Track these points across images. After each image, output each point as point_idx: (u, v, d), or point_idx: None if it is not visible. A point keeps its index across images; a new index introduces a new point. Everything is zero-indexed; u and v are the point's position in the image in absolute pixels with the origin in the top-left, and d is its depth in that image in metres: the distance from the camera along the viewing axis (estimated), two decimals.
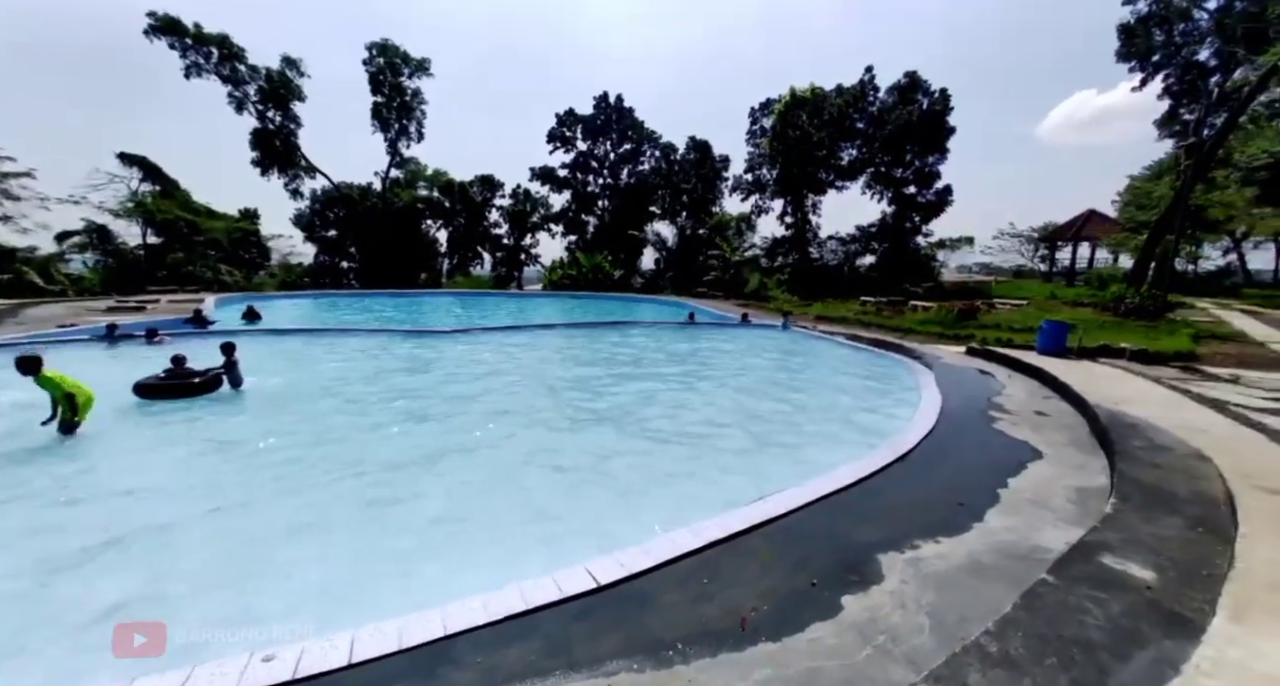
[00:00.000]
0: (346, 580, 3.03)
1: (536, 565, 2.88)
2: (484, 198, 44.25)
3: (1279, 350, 10.21)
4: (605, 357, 10.18)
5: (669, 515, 3.68)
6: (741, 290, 30.19)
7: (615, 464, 4.85)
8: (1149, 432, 4.61)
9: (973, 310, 14.48)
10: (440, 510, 3.88)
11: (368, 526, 3.66)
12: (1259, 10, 13.56)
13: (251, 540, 3.45)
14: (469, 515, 3.84)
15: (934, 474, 4.28)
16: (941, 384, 7.19)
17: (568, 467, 4.66)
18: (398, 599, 2.71)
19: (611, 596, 2.49)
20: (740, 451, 5.25)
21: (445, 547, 3.41)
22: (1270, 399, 6.15)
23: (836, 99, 32.10)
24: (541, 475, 4.54)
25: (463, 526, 3.67)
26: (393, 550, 3.35)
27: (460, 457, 4.92)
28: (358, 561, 3.23)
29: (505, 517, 3.81)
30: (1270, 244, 35.00)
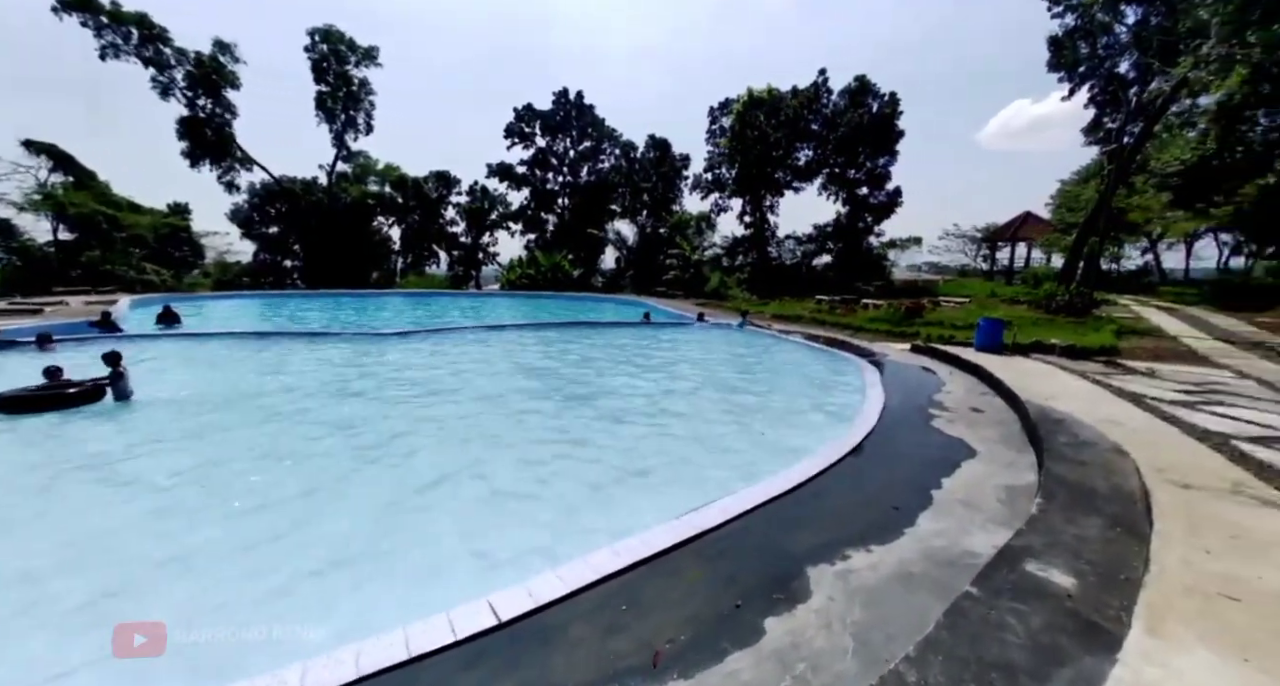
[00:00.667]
0: (197, 641, 2.43)
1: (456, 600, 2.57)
2: (440, 194, 42.79)
3: (1189, 344, 10.96)
4: (552, 360, 9.85)
5: (612, 528, 3.46)
6: (702, 289, 30.35)
7: (554, 473, 4.58)
8: (1074, 428, 4.73)
9: (919, 308, 14.95)
10: (342, 547, 3.30)
11: (240, 564, 3.11)
12: (1171, 25, 14.61)
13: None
14: (382, 547, 3.36)
15: (873, 475, 4.23)
16: (886, 382, 7.27)
17: (501, 487, 4.30)
18: (263, 656, 2.26)
19: (513, 634, 2.23)
20: (684, 458, 5.07)
21: (340, 593, 2.86)
22: (1180, 391, 6.50)
23: (792, 100, 32.70)
24: (473, 492, 4.22)
25: (375, 563, 3.20)
26: (266, 593, 2.81)
27: (377, 476, 4.51)
28: (217, 610, 2.66)
29: (416, 550, 3.32)
30: (1182, 245, 38.13)
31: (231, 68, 31.10)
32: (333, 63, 35.41)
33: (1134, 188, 26.21)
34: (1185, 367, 8.30)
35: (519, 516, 3.81)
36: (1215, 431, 4.74)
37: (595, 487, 4.31)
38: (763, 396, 7.34)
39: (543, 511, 3.88)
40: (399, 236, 42.32)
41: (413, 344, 10.68)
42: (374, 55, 36.36)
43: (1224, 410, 5.57)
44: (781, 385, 8.18)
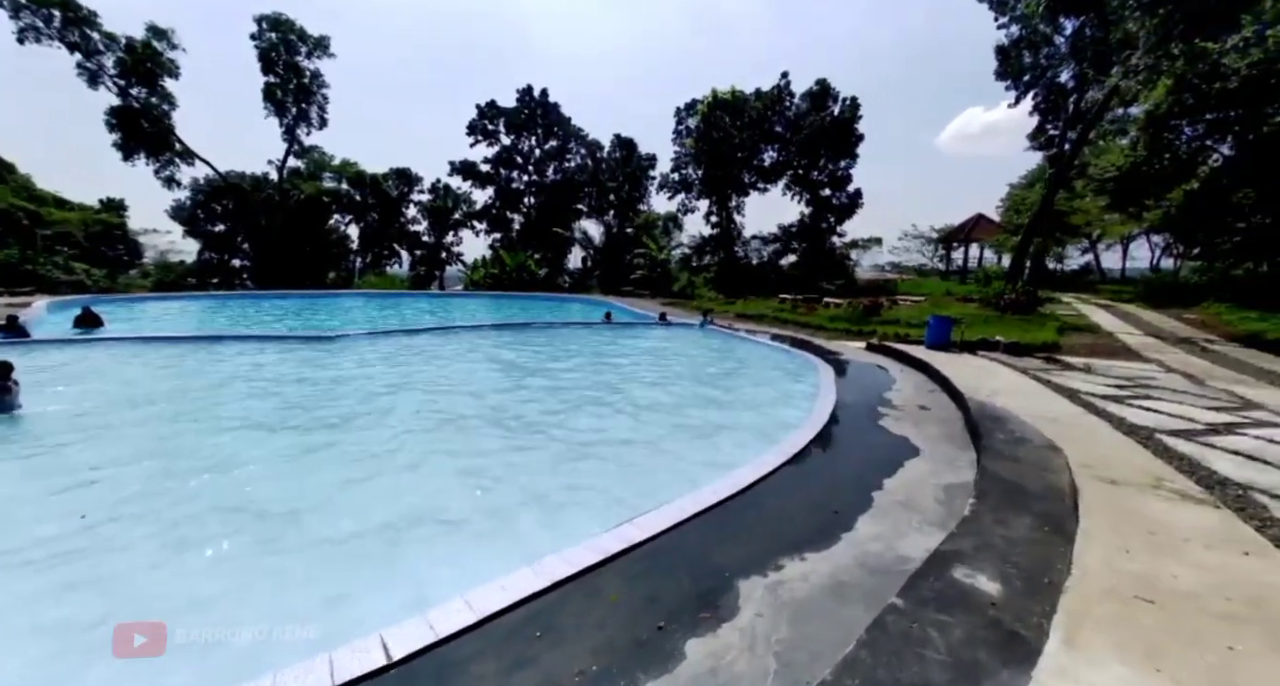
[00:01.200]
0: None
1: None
2: (400, 192, 41.49)
3: (1124, 340, 11.55)
4: (506, 361, 9.55)
5: (555, 539, 3.26)
6: (669, 289, 30.37)
7: (497, 478, 4.35)
8: (1011, 424, 4.81)
9: (876, 306, 15.29)
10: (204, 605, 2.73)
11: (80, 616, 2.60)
12: (1104, 36, 15.43)
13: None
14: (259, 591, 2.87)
15: (817, 477, 4.17)
16: (839, 380, 7.32)
17: (424, 509, 3.96)
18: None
19: (405, 675, 2.02)
20: (630, 463, 4.92)
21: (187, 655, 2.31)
22: (1113, 386, 6.76)
23: (756, 102, 33.09)
24: (386, 507, 3.94)
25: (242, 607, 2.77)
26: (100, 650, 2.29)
27: (281, 499, 4.17)
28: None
29: (301, 591, 2.90)
30: (1119, 246, 40.54)
31: (169, 55, 29.25)
32: (282, 53, 33.83)
33: (1075, 191, 27.64)
34: (1119, 363, 8.69)
35: (432, 540, 3.54)
36: (1141, 425, 4.91)
37: (530, 501, 4.10)
38: (717, 399, 7.27)
39: (467, 529, 3.64)
40: (357, 235, 40.84)
41: (354, 346, 10.17)
42: (326, 45, 34.92)
43: (1151, 404, 5.80)
44: (737, 387, 8.13)
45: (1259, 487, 3.55)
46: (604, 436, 5.61)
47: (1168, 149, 19.87)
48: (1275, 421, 5.28)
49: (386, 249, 40.98)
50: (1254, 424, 5.15)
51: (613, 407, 6.65)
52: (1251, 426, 5.06)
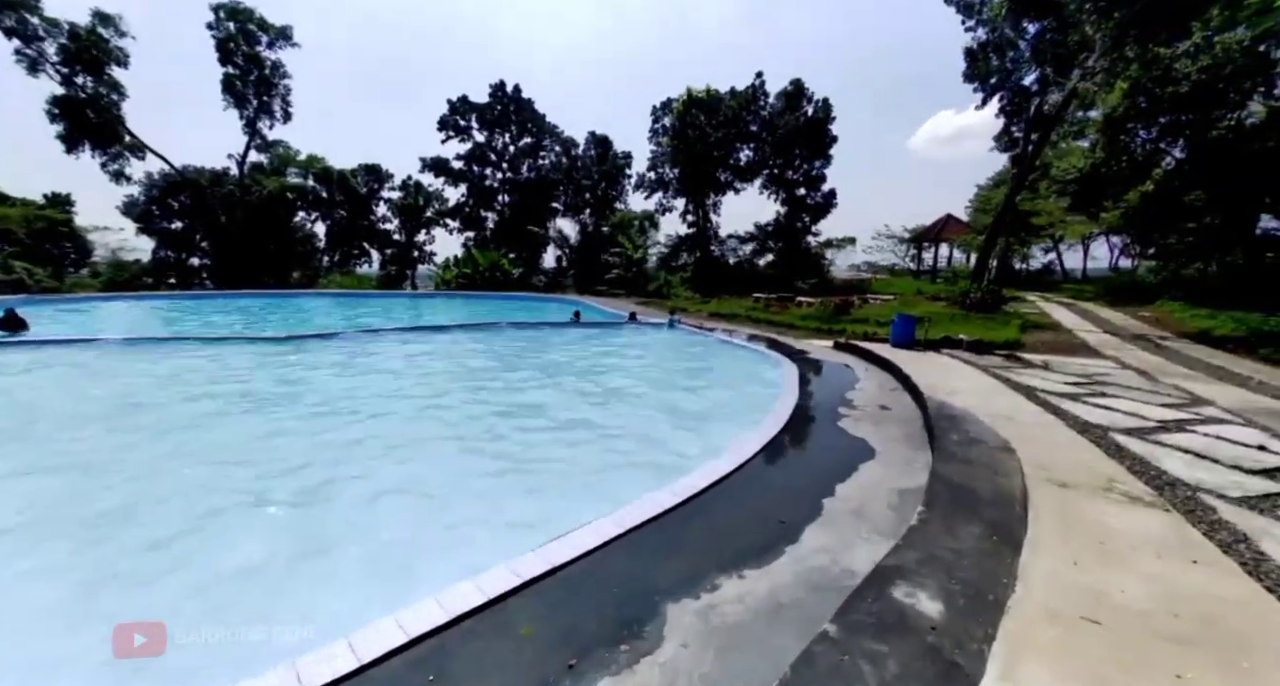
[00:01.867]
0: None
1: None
2: (370, 189, 40.32)
3: (1082, 337, 11.77)
4: (460, 365, 9.20)
5: (462, 566, 2.97)
6: (644, 288, 30.18)
7: (435, 492, 4.05)
8: (968, 424, 4.71)
9: (847, 305, 15.35)
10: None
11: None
12: (1063, 38, 15.81)
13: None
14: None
15: (769, 484, 3.98)
16: (803, 380, 7.19)
17: (337, 533, 3.66)
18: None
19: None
20: (576, 472, 4.66)
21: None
22: (1069, 383, 6.78)
23: (731, 101, 33.12)
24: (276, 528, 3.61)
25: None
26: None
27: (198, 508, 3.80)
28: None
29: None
30: (1080, 246, 41.92)
31: (116, 43, 27.77)
32: (241, 43, 32.51)
33: (1038, 193, 28.41)
34: (1076, 360, 8.80)
35: (328, 566, 3.22)
36: (1095, 424, 4.87)
37: (453, 517, 3.81)
38: (673, 402, 7.07)
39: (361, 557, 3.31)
40: (325, 234, 39.52)
41: (301, 348, 9.67)
42: (288, 35, 33.71)
43: (1105, 401, 5.80)
44: (698, 388, 7.94)
45: (1207, 488, 3.49)
46: (552, 438, 5.35)
47: (1124, 151, 20.53)
48: (1223, 418, 5.32)
49: (356, 248, 39.79)
50: (1203, 420, 5.17)
51: (566, 410, 6.38)
52: (1201, 423, 5.07)
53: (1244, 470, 3.83)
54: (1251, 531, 2.83)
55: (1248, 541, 2.72)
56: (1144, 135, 20.07)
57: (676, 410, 6.56)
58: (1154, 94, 16.36)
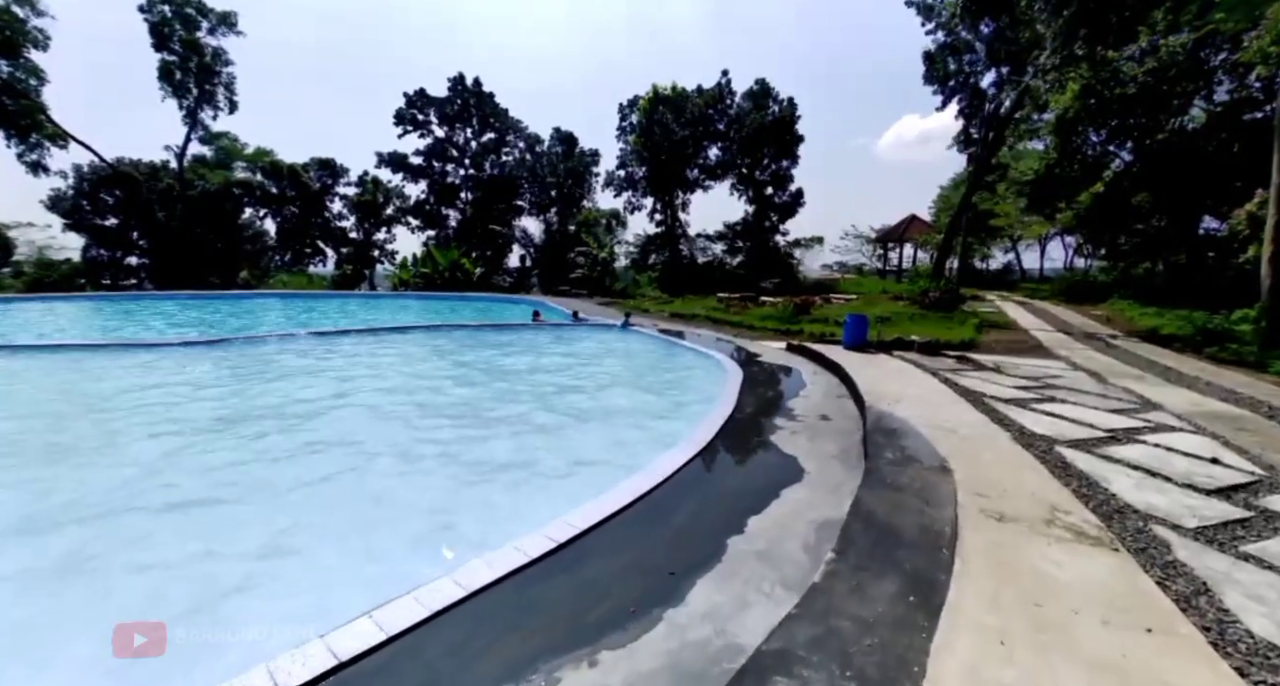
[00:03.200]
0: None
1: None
2: (324, 184, 38.55)
3: (1036, 336, 11.67)
4: (381, 372, 8.39)
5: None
6: (609, 288, 29.54)
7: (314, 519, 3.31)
8: (906, 439, 4.24)
9: (808, 305, 15.03)
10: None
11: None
12: (1015, 36, 15.90)
13: None
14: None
15: (671, 517, 3.39)
16: (745, 387, 6.67)
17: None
18: None
19: None
20: (416, 514, 3.94)
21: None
22: (1019, 387, 6.44)
23: (697, 99, 32.79)
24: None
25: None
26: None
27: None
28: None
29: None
30: (1037, 246, 43.17)
31: (35, 23, 25.65)
32: (178, 27, 30.57)
33: (997, 194, 28.93)
34: (1028, 360, 8.56)
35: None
36: (1042, 435, 4.46)
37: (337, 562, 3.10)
38: (597, 410, 6.45)
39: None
40: (275, 231, 37.52)
41: (207, 355, 8.69)
42: (233, 22, 31.93)
43: (1054, 408, 5.45)
44: (631, 395, 7.35)
45: (1160, 515, 3.07)
46: (529, 446, 4.66)
47: (1076, 153, 20.93)
48: (1173, 424, 5.00)
49: (308, 246, 37.92)
50: (1153, 428, 4.84)
51: (480, 420, 5.70)
52: (1151, 431, 4.73)
53: (1198, 490, 3.43)
54: (1212, 578, 2.38)
55: (1209, 594, 2.26)
56: (1094, 138, 20.48)
57: (591, 422, 5.94)
58: (1103, 96, 16.61)
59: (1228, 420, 5.15)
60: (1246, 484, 3.56)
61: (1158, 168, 18.41)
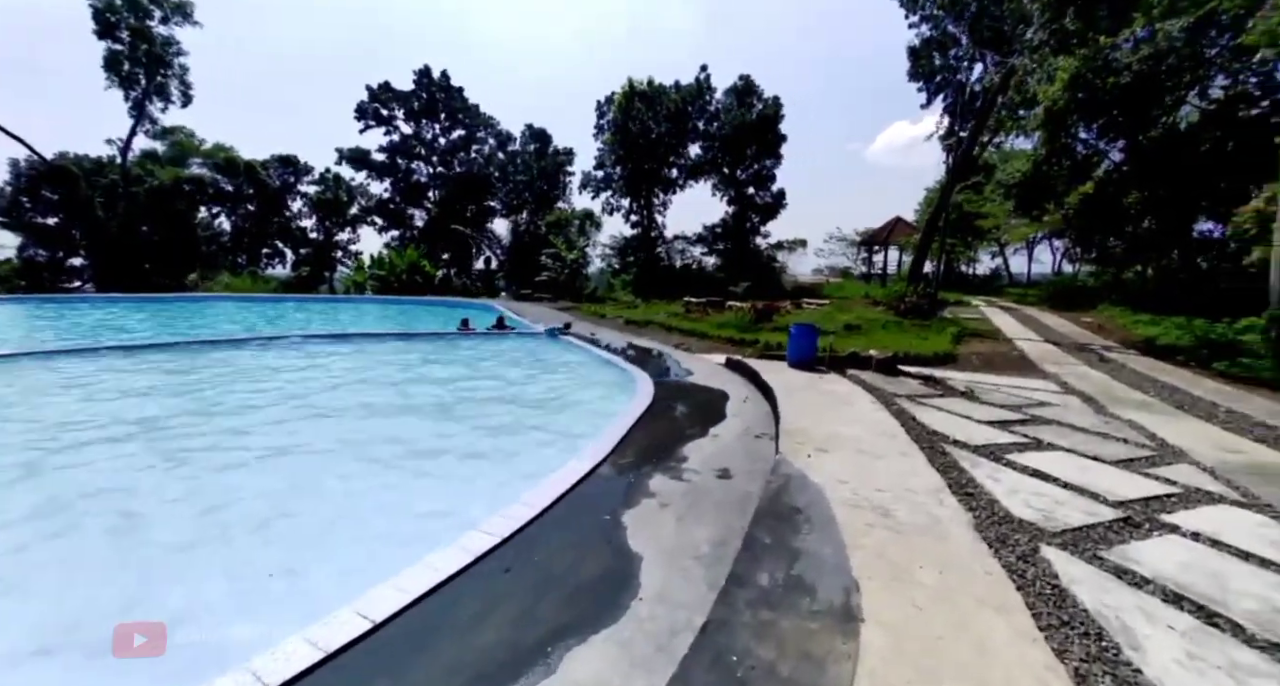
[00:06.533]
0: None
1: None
2: (284, 182, 36.79)
3: (1021, 347, 10.25)
4: (223, 385, 6.77)
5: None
6: (580, 291, 27.98)
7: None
8: (806, 533, 2.71)
9: (770, 311, 13.56)
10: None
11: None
12: (1000, 13, 14.62)
13: None
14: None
15: (443, 646, 1.83)
16: (644, 418, 5.14)
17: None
18: None
19: None
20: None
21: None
22: (993, 422, 4.96)
23: (675, 95, 31.42)
24: None
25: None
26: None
27: None
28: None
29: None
30: (1024, 249, 42.15)
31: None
32: (125, 15, 28.90)
33: (983, 194, 27.76)
34: (1010, 380, 7.10)
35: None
36: (1025, 521, 2.94)
37: None
38: (480, 443, 4.89)
39: None
40: (231, 230, 35.59)
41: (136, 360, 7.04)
42: (188, 11, 30.35)
43: (1040, 459, 3.95)
44: (483, 436, 5.73)
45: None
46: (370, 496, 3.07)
47: (1065, 151, 19.71)
48: (1209, 488, 3.52)
49: (266, 246, 36.04)
50: (1182, 497, 3.34)
51: (306, 453, 4.10)
52: (1181, 504, 3.24)
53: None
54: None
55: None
56: (1085, 134, 19.27)
57: (394, 482, 4.36)
58: (1095, 85, 15.33)
59: (1272, 475, 3.68)
60: None
61: (1150, 167, 17.20)
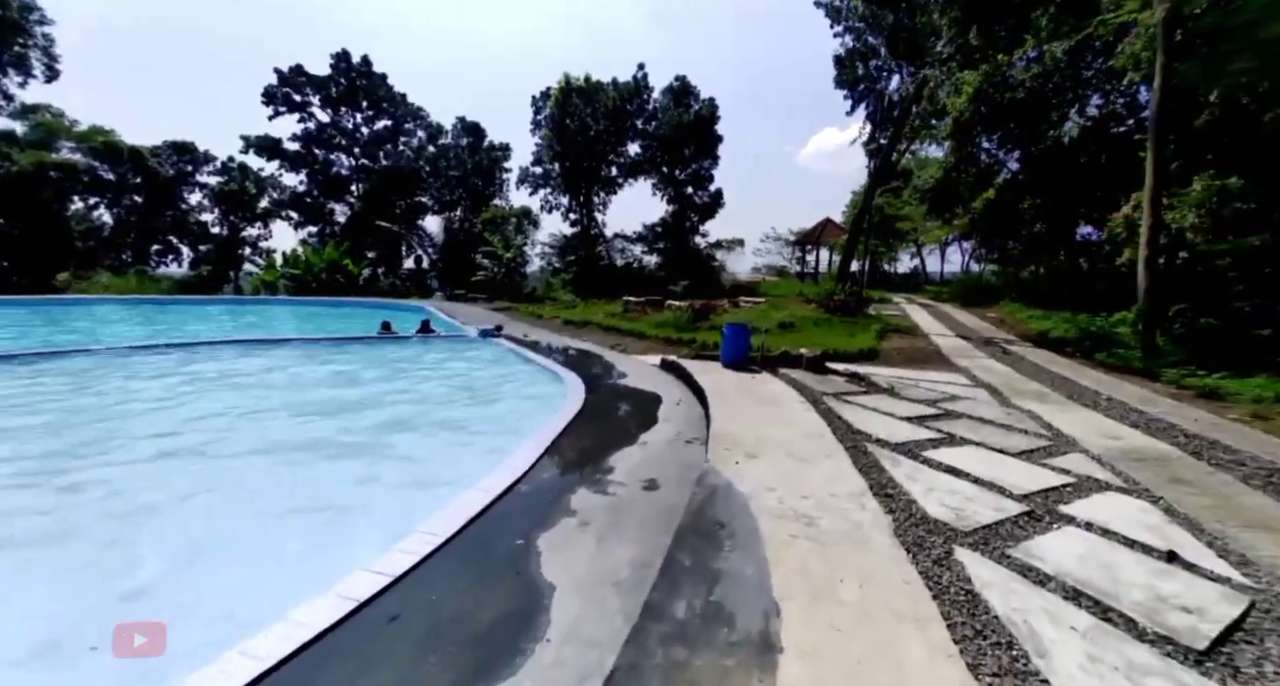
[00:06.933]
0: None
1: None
2: (179, 171, 32.90)
3: (937, 343, 10.93)
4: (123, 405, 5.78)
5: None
6: (519, 291, 27.10)
7: None
8: (730, 549, 2.57)
9: (708, 310, 13.68)
10: None
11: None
12: (914, 26, 15.62)
13: None
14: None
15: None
16: (572, 426, 4.86)
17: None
18: None
19: None
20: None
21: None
22: (912, 417, 5.13)
23: (612, 92, 31.17)
24: None
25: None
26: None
27: None
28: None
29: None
30: (938, 250, 45.62)
31: None
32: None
33: (901, 198, 29.70)
34: (928, 375, 7.48)
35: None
36: (938, 522, 2.96)
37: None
38: (387, 469, 4.40)
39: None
40: (113, 223, 31.33)
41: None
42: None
43: (954, 454, 4.09)
44: (404, 457, 5.32)
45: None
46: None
47: (972, 160, 21.42)
48: (1098, 476, 3.77)
49: (159, 242, 32.09)
50: (1077, 487, 3.54)
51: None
52: (1076, 493, 3.43)
53: (1180, 650, 1.99)
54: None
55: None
56: (987, 144, 21.04)
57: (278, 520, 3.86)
58: (995, 100, 16.73)
59: (1156, 464, 4.01)
60: (1239, 619, 2.18)
61: (1040, 176, 19.03)
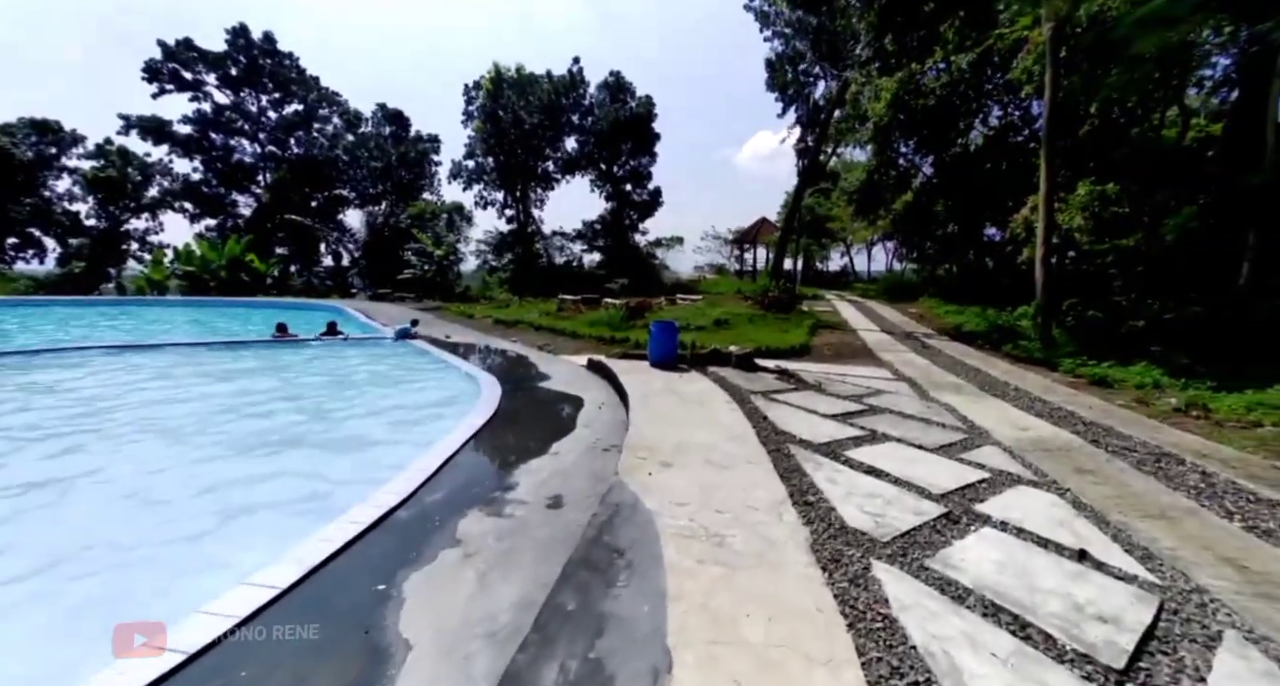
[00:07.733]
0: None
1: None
2: (39, 154, 28.41)
3: (863, 338, 11.25)
4: None
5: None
6: (451, 290, 25.69)
7: None
8: (625, 582, 2.19)
9: (643, 308, 13.43)
10: None
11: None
12: (833, 26, 16.19)
13: None
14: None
15: None
16: (482, 434, 4.34)
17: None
18: None
19: None
20: None
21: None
22: (837, 415, 5.04)
23: (547, 84, 30.25)
24: None
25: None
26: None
27: None
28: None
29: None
30: (865, 249, 48.22)
31: None
32: None
33: (830, 199, 30.98)
34: (854, 370, 7.57)
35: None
36: (859, 532, 2.75)
37: None
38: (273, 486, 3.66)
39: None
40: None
41: None
42: None
43: (874, 453, 3.97)
44: (273, 484, 4.61)
45: None
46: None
47: (892, 163, 22.60)
48: (1011, 470, 3.77)
49: (15, 235, 27.54)
50: (991, 482, 3.50)
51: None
52: (990, 490, 3.37)
53: (1107, 675, 1.84)
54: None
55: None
56: (905, 149, 22.26)
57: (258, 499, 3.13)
58: (910, 106, 17.65)
59: (1061, 455, 4.09)
60: (1151, 624, 2.09)
61: (951, 180, 20.37)
